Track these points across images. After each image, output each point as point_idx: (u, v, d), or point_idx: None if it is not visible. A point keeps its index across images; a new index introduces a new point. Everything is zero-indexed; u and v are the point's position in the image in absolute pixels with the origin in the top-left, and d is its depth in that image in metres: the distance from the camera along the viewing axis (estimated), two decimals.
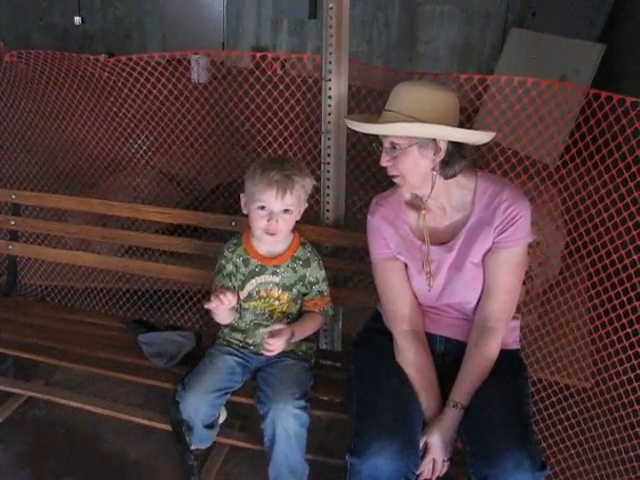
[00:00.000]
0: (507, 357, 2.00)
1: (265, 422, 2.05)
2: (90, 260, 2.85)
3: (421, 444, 1.86)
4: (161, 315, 3.32)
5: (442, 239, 2.02)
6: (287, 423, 2.03)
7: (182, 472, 2.47)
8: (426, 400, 1.94)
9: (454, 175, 1.93)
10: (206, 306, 2.07)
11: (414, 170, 1.91)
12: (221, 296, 2.03)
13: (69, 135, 3.40)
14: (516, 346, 2.10)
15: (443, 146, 1.87)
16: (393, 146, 1.90)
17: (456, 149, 1.89)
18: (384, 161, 1.94)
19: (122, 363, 2.44)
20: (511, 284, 1.96)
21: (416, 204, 2.07)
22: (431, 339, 2.07)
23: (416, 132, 1.84)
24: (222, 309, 2.08)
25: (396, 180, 1.97)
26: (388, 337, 2.10)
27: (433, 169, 1.91)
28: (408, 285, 2.07)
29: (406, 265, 2.07)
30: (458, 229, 2.00)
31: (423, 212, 2.03)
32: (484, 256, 1.96)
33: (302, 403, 2.05)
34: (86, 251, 2.94)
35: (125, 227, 3.01)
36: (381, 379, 1.97)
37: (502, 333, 1.96)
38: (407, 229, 2.06)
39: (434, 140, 1.87)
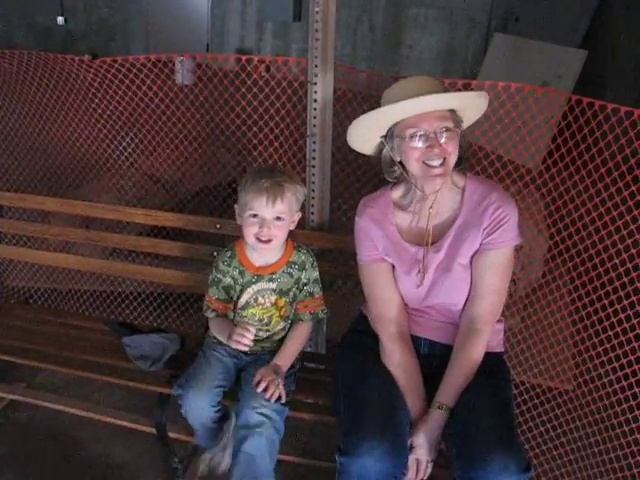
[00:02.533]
0: (491, 360, 2.02)
1: (238, 420, 2.05)
2: (73, 262, 2.83)
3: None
4: (145, 317, 3.31)
5: (431, 240, 2.03)
6: (258, 424, 2.00)
7: (166, 475, 2.47)
8: (411, 401, 1.95)
9: (466, 161, 2.02)
10: (234, 346, 2.07)
11: (454, 152, 1.92)
12: (247, 334, 2.03)
13: (53, 136, 3.38)
14: (500, 349, 2.12)
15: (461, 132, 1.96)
16: (444, 130, 1.88)
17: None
18: (437, 150, 1.88)
19: (106, 365, 2.43)
20: (498, 285, 1.98)
21: (404, 205, 2.08)
22: (415, 341, 2.08)
23: (480, 96, 1.98)
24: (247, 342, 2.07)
25: (437, 171, 1.91)
26: (373, 338, 2.11)
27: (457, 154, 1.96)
28: (395, 287, 2.07)
29: (393, 266, 2.08)
30: (445, 229, 2.01)
31: (430, 210, 2.01)
32: (472, 257, 1.98)
33: (277, 406, 2.04)
34: (69, 253, 2.93)
35: (109, 229, 3.00)
36: (368, 379, 1.98)
37: (488, 335, 1.98)
38: (394, 230, 2.06)
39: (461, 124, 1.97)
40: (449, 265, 1.99)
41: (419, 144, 1.90)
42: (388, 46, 9.86)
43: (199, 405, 2.09)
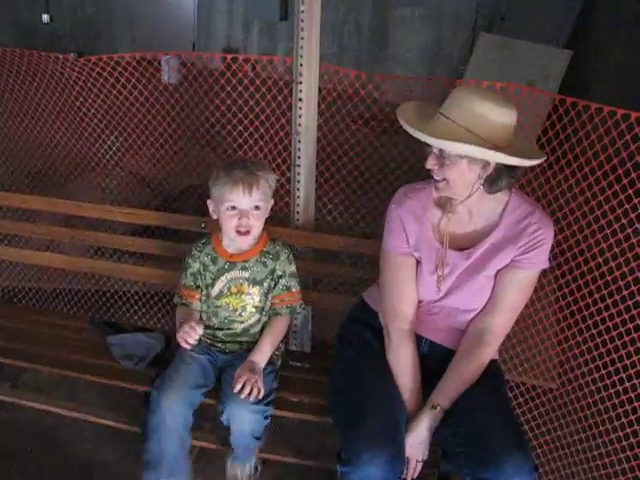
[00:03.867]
0: (489, 364, 2.02)
1: (221, 419, 2.08)
2: (58, 261, 2.82)
3: None
4: (130, 317, 3.29)
5: (461, 245, 2.00)
6: (242, 424, 2.06)
7: None
8: (409, 401, 1.96)
9: (498, 191, 1.89)
10: (180, 341, 2.09)
11: (459, 179, 1.86)
12: (192, 333, 2.06)
13: (37, 135, 3.36)
14: (495, 355, 2.12)
15: (493, 164, 1.82)
16: (442, 153, 1.84)
17: (507, 169, 1.83)
18: (430, 164, 1.88)
19: (91, 365, 2.42)
20: (518, 304, 1.98)
21: (442, 204, 2.03)
22: (416, 340, 2.06)
23: (469, 152, 1.78)
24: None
25: (439, 185, 1.91)
26: (370, 328, 2.12)
27: (478, 181, 1.86)
28: (415, 284, 2.05)
29: (418, 263, 2.05)
30: (479, 239, 1.98)
31: (449, 215, 2.00)
32: (498, 271, 1.96)
33: (258, 407, 2.05)
34: (54, 252, 2.91)
35: (94, 228, 2.99)
36: (367, 382, 1.98)
37: (496, 348, 2.01)
38: (429, 228, 2.03)
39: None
40: (475, 273, 1.97)
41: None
42: (374, 45, 9.86)
43: (175, 408, 2.06)
